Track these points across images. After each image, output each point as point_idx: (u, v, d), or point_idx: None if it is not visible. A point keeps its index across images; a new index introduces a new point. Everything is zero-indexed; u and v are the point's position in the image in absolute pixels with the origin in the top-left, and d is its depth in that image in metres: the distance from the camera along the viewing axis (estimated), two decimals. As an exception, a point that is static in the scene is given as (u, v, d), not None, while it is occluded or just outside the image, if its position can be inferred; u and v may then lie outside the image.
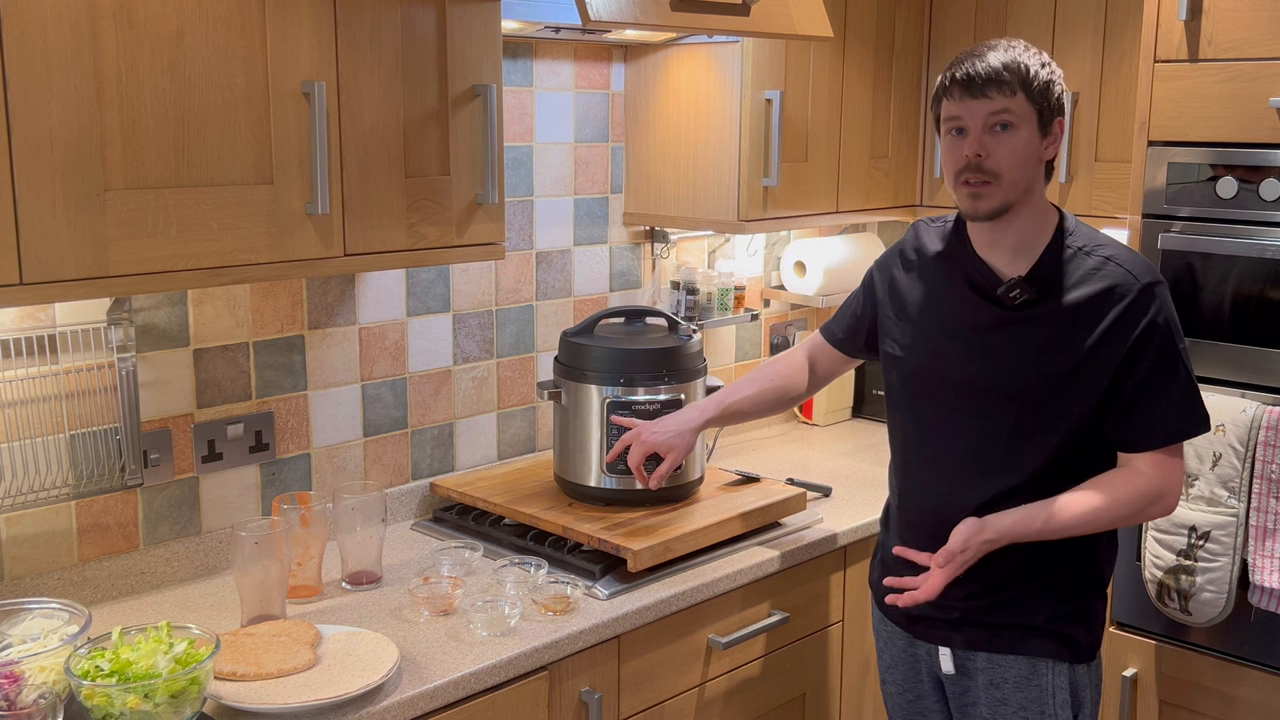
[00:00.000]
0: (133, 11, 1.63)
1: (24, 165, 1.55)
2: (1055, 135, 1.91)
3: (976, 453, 1.96)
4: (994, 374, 1.94)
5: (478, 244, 2.10)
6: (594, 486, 2.41)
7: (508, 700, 1.95)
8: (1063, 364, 1.89)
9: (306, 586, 2.13)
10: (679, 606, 2.20)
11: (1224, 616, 2.41)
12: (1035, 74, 1.86)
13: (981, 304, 1.96)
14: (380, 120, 1.93)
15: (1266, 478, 2.32)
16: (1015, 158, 1.87)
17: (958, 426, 1.98)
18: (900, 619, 2.09)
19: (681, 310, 2.98)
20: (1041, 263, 1.92)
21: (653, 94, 2.79)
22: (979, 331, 1.96)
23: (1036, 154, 1.90)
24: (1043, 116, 1.88)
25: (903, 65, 3.02)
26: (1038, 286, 1.91)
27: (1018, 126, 1.87)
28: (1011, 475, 1.93)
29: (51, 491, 2.03)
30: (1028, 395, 1.91)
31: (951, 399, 1.99)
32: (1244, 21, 2.34)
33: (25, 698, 1.59)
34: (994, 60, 1.86)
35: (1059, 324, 1.89)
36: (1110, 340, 1.87)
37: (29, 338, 1.96)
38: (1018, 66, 1.86)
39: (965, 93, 1.86)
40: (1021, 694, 1.96)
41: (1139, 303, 1.87)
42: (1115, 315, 1.87)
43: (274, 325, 2.29)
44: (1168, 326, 1.89)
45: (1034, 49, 1.91)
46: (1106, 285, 1.88)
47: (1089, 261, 1.91)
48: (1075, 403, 1.90)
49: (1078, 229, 1.96)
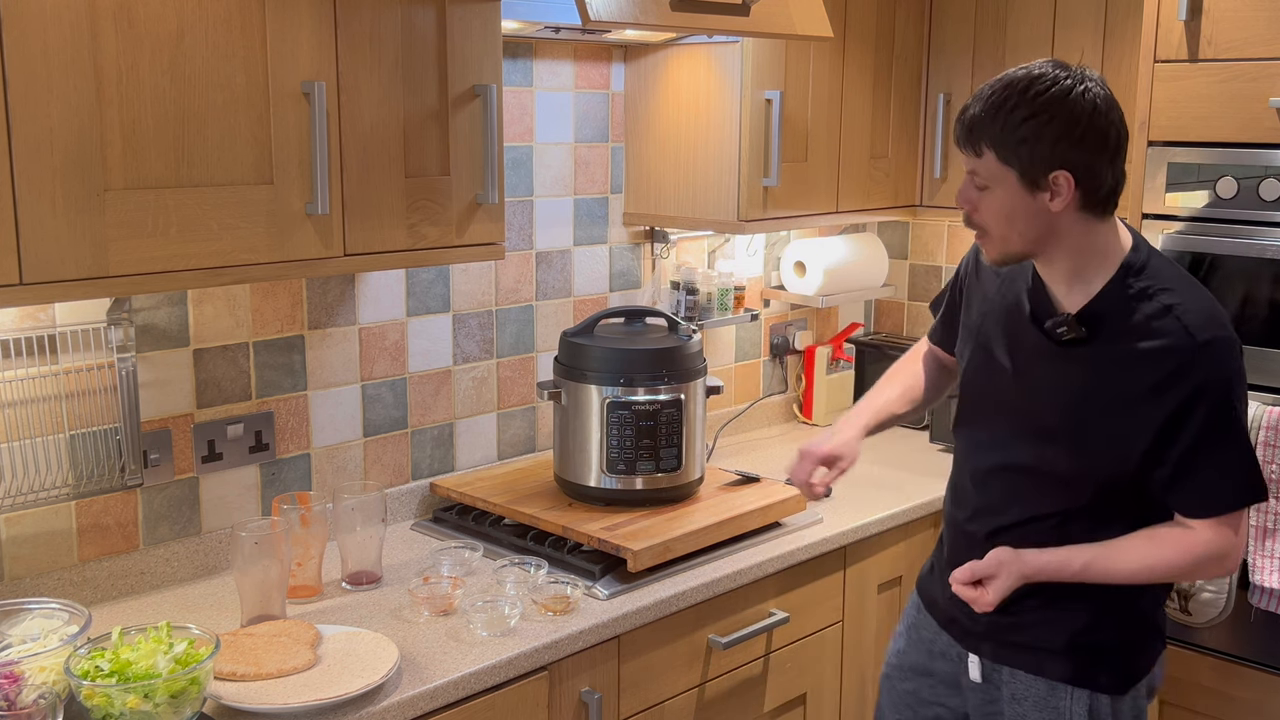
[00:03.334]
0: (133, 11, 1.63)
1: (24, 165, 1.55)
2: (1058, 189, 1.70)
3: (1017, 473, 1.88)
4: (1033, 406, 1.84)
5: (478, 244, 2.10)
6: (594, 486, 2.41)
7: (508, 700, 1.95)
8: (1103, 413, 1.76)
9: (306, 586, 2.13)
10: (679, 606, 2.20)
11: (1224, 616, 2.41)
12: (1011, 132, 1.69)
13: (1032, 330, 1.84)
14: (380, 120, 1.93)
15: (1267, 478, 2.32)
16: (998, 216, 1.75)
17: (999, 447, 1.90)
18: (940, 618, 2.04)
19: (681, 310, 2.98)
20: (1098, 301, 1.77)
21: (653, 94, 2.79)
22: (1027, 357, 1.85)
23: (1032, 210, 1.72)
24: (1025, 175, 1.70)
25: (903, 65, 3.02)
26: (1090, 325, 1.77)
27: (991, 187, 1.74)
28: (1045, 506, 1.85)
29: (51, 491, 2.03)
30: (1064, 436, 1.81)
31: (994, 416, 1.91)
32: (1244, 21, 2.34)
33: (25, 698, 1.59)
34: (973, 110, 1.73)
35: (1105, 370, 1.76)
36: (1157, 399, 1.72)
37: (29, 338, 1.96)
38: (990, 122, 1.70)
39: (956, 140, 1.79)
40: (1040, 713, 1.90)
41: (1194, 363, 1.70)
42: (1166, 373, 1.71)
43: (274, 325, 2.29)
44: (1224, 389, 1.72)
45: (1043, 87, 1.69)
46: (1162, 338, 1.72)
47: (1149, 307, 1.74)
48: (1115, 456, 1.77)
49: (1149, 268, 1.77)
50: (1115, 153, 1.73)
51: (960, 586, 1.85)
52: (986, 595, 1.81)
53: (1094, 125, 1.69)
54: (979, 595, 1.82)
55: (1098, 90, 1.71)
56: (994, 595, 1.82)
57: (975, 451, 1.97)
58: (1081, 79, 1.71)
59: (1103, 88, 1.72)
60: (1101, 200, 1.74)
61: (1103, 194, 1.73)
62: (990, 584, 1.82)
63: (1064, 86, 1.69)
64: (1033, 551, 1.82)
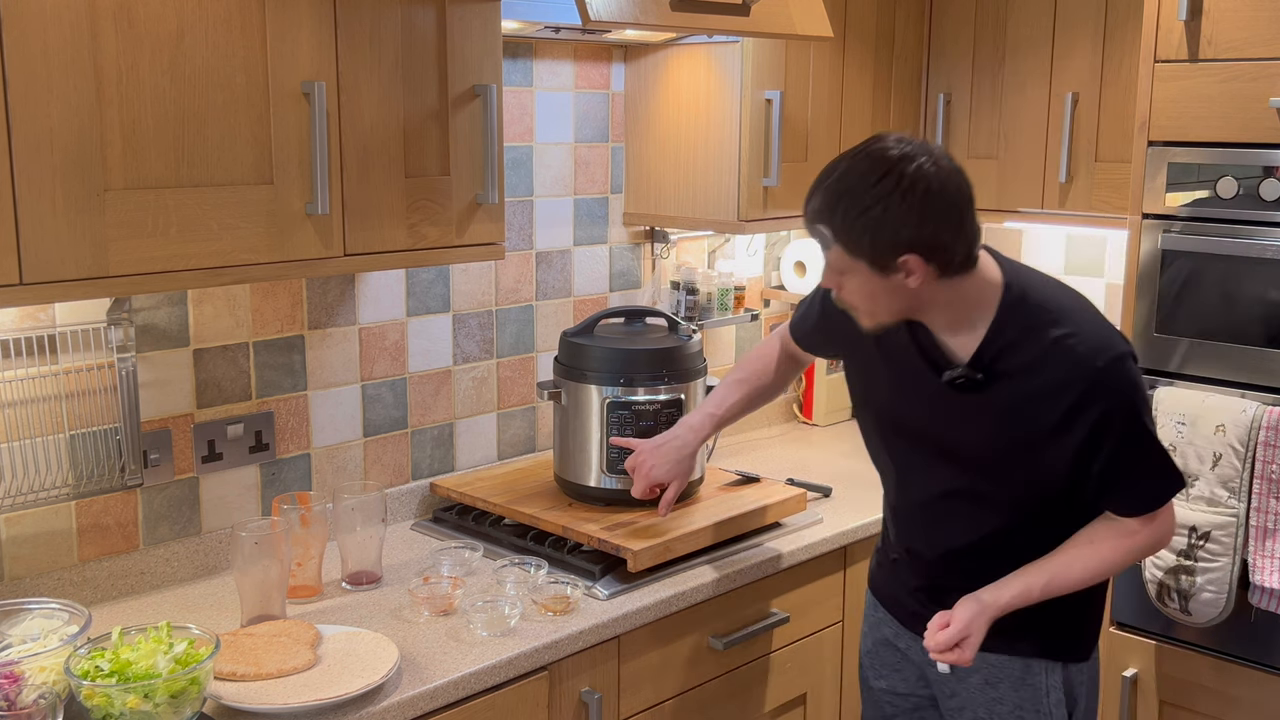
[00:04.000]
0: (133, 11, 1.63)
1: (24, 165, 1.55)
2: (911, 269, 1.69)
3: (951, 499, 1.93)
4: (951, 444, 1.89)
5: (478, 244, 2.10)
6: (594, 486, 2.41)
7: (508, 700, 1.95)
8: (1017, 447, 1.82)
9: (306, 586, 2.13)
10: (679, 606, 2.20)
11: (1224, 616, 2.41)
12: (850, 226, 1.69)
13: (931, 376, 1.86)
14: (380, 120, 1.93)
15: (1267, 478, 2.32)
16: (861, 296, 1.78)
17: (929, 471, 1.94)
18: (900, 614, 2.09)
19: (681, 310, 2.98)
20: (986, 345, 1.80)
21: (653, 94, 2.79)
22: (934, 401, 1.87)
23: (891, 288, 1.73)
24: (874, 264, 1.70)
25: (903, 65, 3.02)
26: (984, 370, 1.80)
27: (846, 273, 1.75)
28: (990, 523, 1.90)
29: (51, 491, 2.03)
30: (986, 470, 1.86)
31: (917, 445, 1.95)
32: (1244, 21, 2.34)
33: (25, 698, 1.59)
34: (813, 203, 1.74)
35: (1010, 410, 1.80)
36: (1066, 429, 1.77)
37: (29, 338, 1.96)
38: (830, 217, 1.71)
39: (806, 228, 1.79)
40: (1017, 693, 1.96)
41: (1094, 389, 1.74)
42: (1069, 405, 1.75)
43: (274, 325, 2.29)
44: (1128, 406, 1.77)
45: (875, 177, 1.66)
46: (1057, 371, 1.76)
47: (1038, 343, 1.77)
48: (1039, 477, 1.83)
49: (1027, 299, 1.79)
50: (960, 222, 1.71)
51: (938, 655, 1.86)
52: (965, 654, 1.85)
53: (930, 204, 1.67)
54: (958, 656, 1.85)
55: (929, 166, 1.67)
56: (971, 652, 1.85)
57: (908, 480, 2.00)
58: (914, 158, 1.68)
59: (935, 161, 1.68)
60: (958, 266, 1.74)
61: (957, 261, 1.73)
62: (966, 643, 1.84)
63: (896, 171, 1.67)
64: (993, 591, 1.86)
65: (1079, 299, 1.86)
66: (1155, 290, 2.51)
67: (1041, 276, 1.88)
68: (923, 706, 2.12)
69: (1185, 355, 2.49)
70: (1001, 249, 1.92)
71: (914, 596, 2.04)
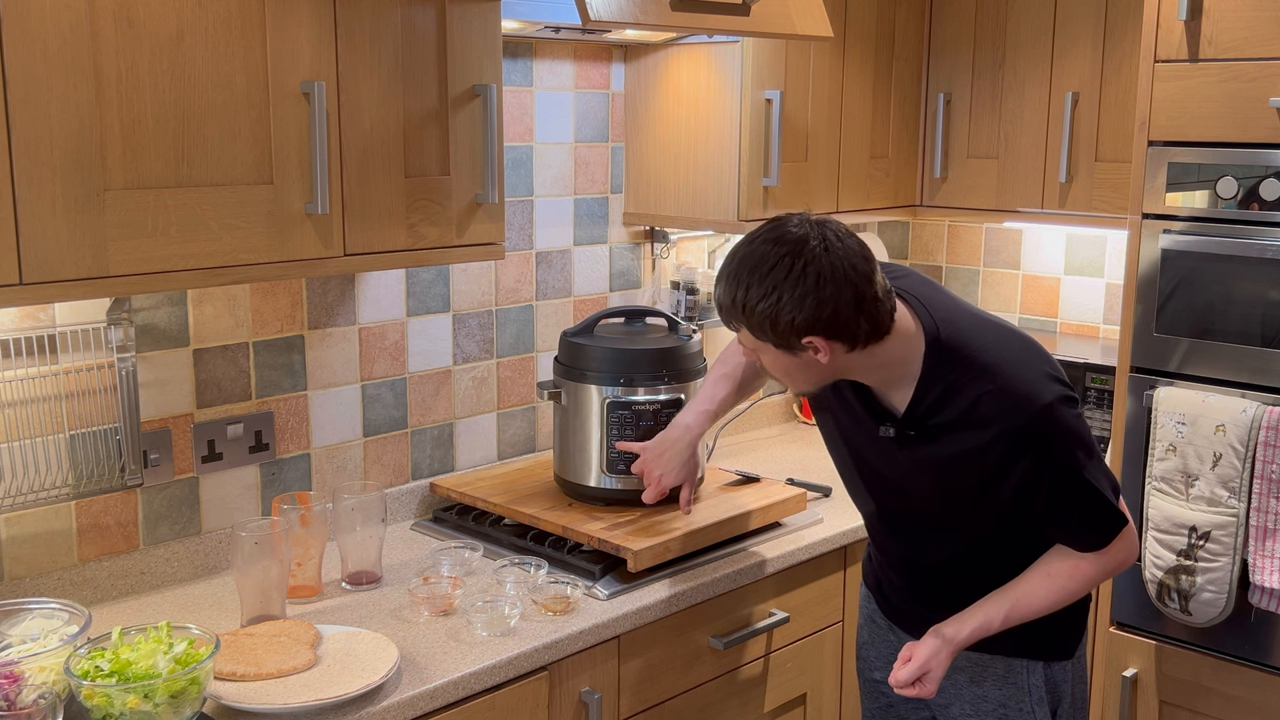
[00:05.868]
0: (133, 11, 1.63)
1: (24, 165, 1.55)
2: (816, 347, 1.72)
3: (920, 524, 1.98)
4: (902, 483, 1.93)
5: (478, 244, 2.10)
6: (594, 486, 2.41)
7: (508, 700, 1.95)
8: (962, 492, 1.85)
9: (306, 586, 2.13)
10: (679, 606, 2.20)
11: (1224, 616, 2.41)
12: (750, 315, 1.72)
13: (869, 421, 1.90)
14: (380, 120, 1.93)
15: (1267, 478, 2.32)
16: (778, 370, 1.81)
17: (895, 501, 1.99)
18: (888, 609, 2.13)
19: (681, 310, 2.98)
20: (916, 402, 1.82)
21: (653, 94, 2.79)
22: (878, 447, 1.91)
23: (804, 364, 1.77)
24: (780, 346, 1.74)
25: (903, 65, 3.02)
26: (917, 424, 1.83)
27: (759, 350, 1.80)
28: (956, 546, 1.95)
29: (51, 491, 2.03)
30: (942, 499, 1.89)
31: (879, 480, 1.99)
32: (1244, 21, 2.34)
33: (25, 698, 1.59)
34: (718, 292, 1.77)
35: (949, 460, 1.83)
36: (1004, 475, 1.79)
37: (29, 338, 1.96)
38: (733, 308, 1.75)
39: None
40: (1001, 690, 2.00)
41: (1023, 440, 1.76)
42: (1003, 453, 1.77)
43: (274, 325, 2.29)
44: (1060, 452, 1.78)
45: (767, 267, 1.69)
46: (989, 424, 1.77)
47: (965, 397, 1.78)
48: (989, 514, 1.87)
49: (950, 353, 1.80)
50: (858, 301, 1.70)
51: (901, 690, 1.90)
52: (927, 688, 1.88)
53: (824, 287, 1.67)
54: (919, 690, 1.89)
55: (820, 249, 1.68)
56: (934, 685, 1.89)
57: (876, 506, 2.05)
58: (805, 241, 1.68)
59: (829, 245, 1.68)
60: (865, 338, 1.74)
61: (862, 335, 1.73)
62: (927, 678, 1.88)
63: (789, 259, 1.68)
64: (954, 625, 1.89)
65: (1007, 342, 1.84)
66: (1155, 290, 2.51)
67: (968, 317, 1.87)
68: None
69: (1185, 355, 2.49)
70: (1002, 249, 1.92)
71: (899, 594, 2.09)
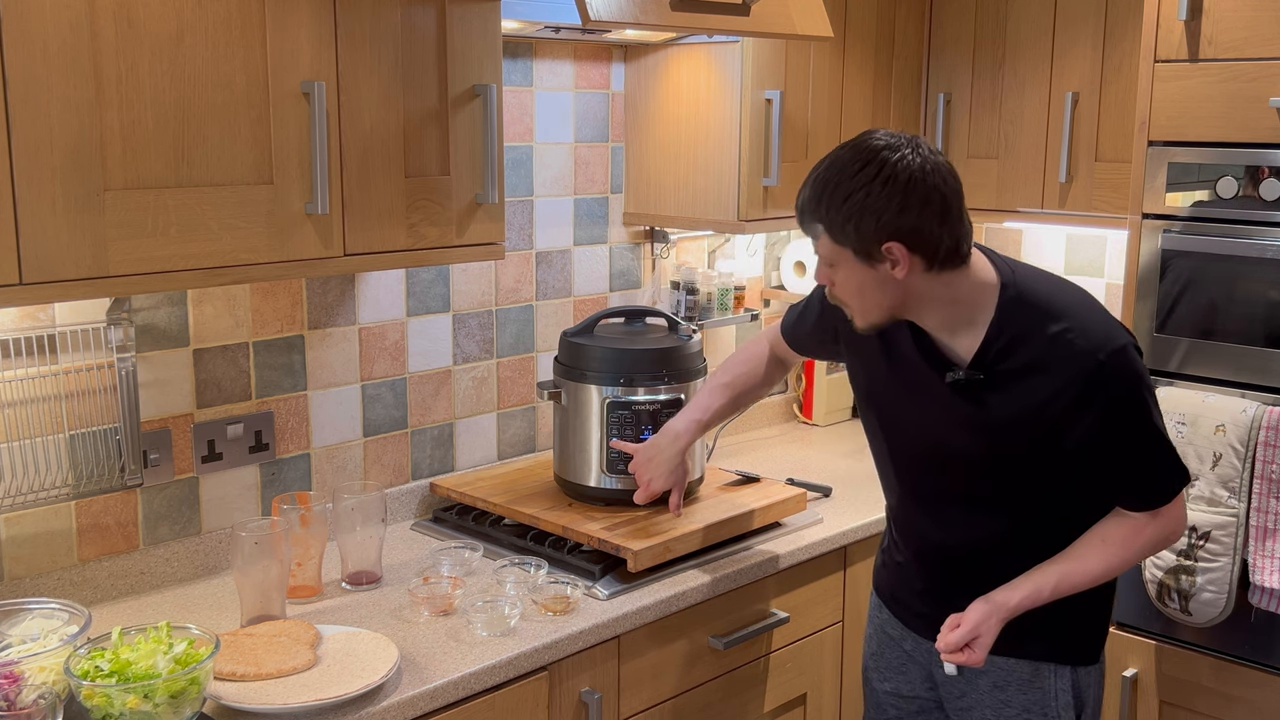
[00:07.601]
0: (133, 11, 1.63)
1: (24, 165, 1.55)
2: (895, 258, 1.71)
3: (956, 501, 1.93)
4: (954, 445, 1.88)
5: (478, 244, 2.10)
6: (594, 486, 2.41)
7: (508, 700, 1.95)
8: (1021, 445, 1.82)
9: (306, 586, 2.13)
10: (679, 606, 2.20)
11: (1224, 616, 2.41)
12: (835, 212, 1.71)
13: (933, 377, 1.86)
14: (380, 120, 1.93)
15: (1267, 478, 2.32)
16: (851, 290, 1.79)
17: (934, 473, 1.95)
18: (905, 616, 2.08)
19: (681, 310, 2.98)
20: (987, 345, 1.80)
21: (653, 94, 2.79)
22: (935, 402, 1.87)
23: (878, 280, 1.75)
24: (859, 252, 1.73)
25: (903, 65, 3.02)
26: (986, 370, 1.80)
27: (835, 264, 1.78)
28: (989, 526, 1.91)
29: (51, 491, 2.03)
30: (986, 467, 1.86)
31: (921, 447, 1.95)
32: (1244, 21, 2.34)
33: (25, 698, 1.59)
34: (804, 193, 1.76)
35: (1014, 407, 1.80)
36: (1070, 424, 1.77)
37: (29, 338, 1.96)
38: (818, 205, 1.74)
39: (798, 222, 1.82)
40: (1025, 696, 1.95)
41: (1097, 383, 1.74)
42: (1072, 398, 1.75)
43: (274, 325, 2.29)
44: (1133, 398, 1.77)
45: (860, 164, 1.70)
46: (1060, 366, 1.76)
47: (1040, 338, 1.77)
48: (1046, 475, 1.84)
49: (1025, 295, 1.80)
50: (944, 213, 1.71)
51: (949, 656, 1.87)
52: (976, 655, 1.85)
53: (913, 192, 1.69)
54: (968, 657, 1.85)
55: (913, 158, 1.70)
56: (982, 653, 1.85)
57: (909, 482, 2.01)
58: (898, 148, 1.71)
59: (922, 155, 1.71)
60: (944, 259, 1.74)
61: (942, 253, 1.74)
62: (976, 644, 1.85)
63: (881, 159, 1.70)
64: (1004, 592, 1.86)
65: (1078, 293, 1.86)
66: (1155, 290, 2.51)
67: (1039, 272, 1.88)
68: (927, 709, 2.10)
69: (1185, 355, 2.49)
70: (1002, 249, 1.93)
71: (920, 598, 2.04)
